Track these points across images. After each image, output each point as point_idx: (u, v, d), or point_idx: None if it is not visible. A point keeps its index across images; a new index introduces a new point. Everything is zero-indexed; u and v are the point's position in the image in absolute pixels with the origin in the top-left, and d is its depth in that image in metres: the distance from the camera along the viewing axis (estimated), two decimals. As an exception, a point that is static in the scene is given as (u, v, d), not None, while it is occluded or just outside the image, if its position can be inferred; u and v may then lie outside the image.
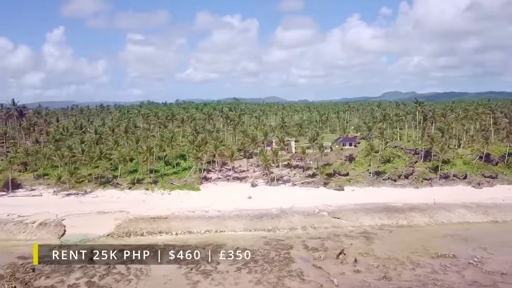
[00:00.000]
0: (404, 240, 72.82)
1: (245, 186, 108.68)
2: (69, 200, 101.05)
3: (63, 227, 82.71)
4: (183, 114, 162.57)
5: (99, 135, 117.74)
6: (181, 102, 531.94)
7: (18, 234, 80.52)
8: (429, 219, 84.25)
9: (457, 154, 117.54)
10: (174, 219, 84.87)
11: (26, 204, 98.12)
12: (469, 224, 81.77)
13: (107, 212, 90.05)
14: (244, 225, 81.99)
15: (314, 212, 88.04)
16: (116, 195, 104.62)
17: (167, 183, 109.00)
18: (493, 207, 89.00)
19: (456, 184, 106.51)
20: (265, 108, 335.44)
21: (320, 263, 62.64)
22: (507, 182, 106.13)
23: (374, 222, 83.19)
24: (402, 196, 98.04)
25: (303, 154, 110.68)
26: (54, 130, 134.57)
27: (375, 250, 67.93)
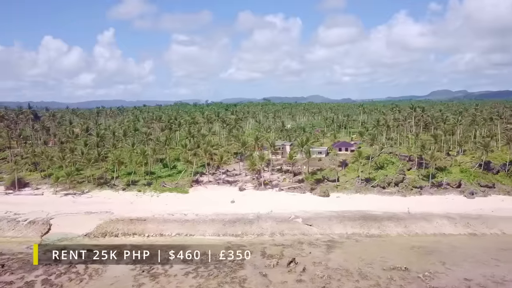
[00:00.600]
0: (366, 251, 72.01)
1: (233, 190, 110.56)
2: (65, 200, 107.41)
3: (49, 226, 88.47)
4: (180, 118, 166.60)
5: (100, 137, 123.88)
6: (211, 103, 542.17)
7: (7, 231, 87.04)
8: (403, 229, 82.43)
9: (455, 162, 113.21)
10: (151, 222, 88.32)
11: (26, 203, 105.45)
12: (443, 236, 79.26)
13: (93, 213, 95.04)
14: (215, 229, 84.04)
15: (288, 219, 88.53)
16: (109, 196, 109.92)
17: (160, 185, 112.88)
18: (477, 219, 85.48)
19: (448, 193, 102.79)
20: (286, 109, 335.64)
21: (268, 271, 63.64)
22: (503, 192, 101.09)
23: (345, 230, 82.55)
24: (386, 204, 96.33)
25: (290, 159, 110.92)
26: (61, 132, 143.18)
27: (331, 260, 67.84)
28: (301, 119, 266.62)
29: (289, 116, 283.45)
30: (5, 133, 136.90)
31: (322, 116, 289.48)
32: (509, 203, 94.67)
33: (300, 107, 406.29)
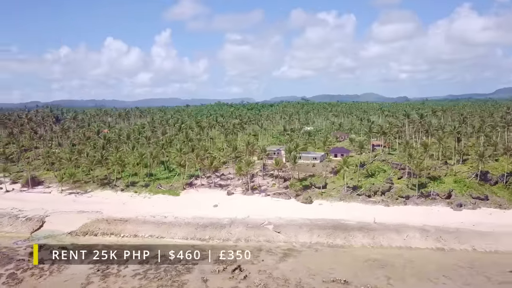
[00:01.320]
0: (319, 261, 72.45)
1: (222, 194, 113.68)
2: (67, 199, 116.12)
3: (42, 223, 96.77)
4: (183, 121, 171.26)
5: (107, 140, 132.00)
6: (247, 103, 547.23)
7: (6, 226, 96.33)
8: (369, 240, 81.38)
9: (451, 171, 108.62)
10: (131, 223, 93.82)
11: (33, 200, 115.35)
12: (408, 250, 77.39)
13: (85, 212, 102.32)
14: (185, 233, 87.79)
15: (260, 225, 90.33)
16: (107, 196, 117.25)
17: (156, 187, 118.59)
18: (452, 233, 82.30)
19: (436, 204, 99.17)
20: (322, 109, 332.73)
21: (211, 277, 66.47)
22: (495, 205, 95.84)
23: (310, 239, 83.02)
24: (364, 213, 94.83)
25: (276, 165, 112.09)
26: (75, 135, 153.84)
27: (278, 269, 69.22)
28: (334, 120, 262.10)
29: (321, 117, 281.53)
30: (28, 135, 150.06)
31: (353, 117, 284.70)
32: (496, 217, 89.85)
33: (339, 107, 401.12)
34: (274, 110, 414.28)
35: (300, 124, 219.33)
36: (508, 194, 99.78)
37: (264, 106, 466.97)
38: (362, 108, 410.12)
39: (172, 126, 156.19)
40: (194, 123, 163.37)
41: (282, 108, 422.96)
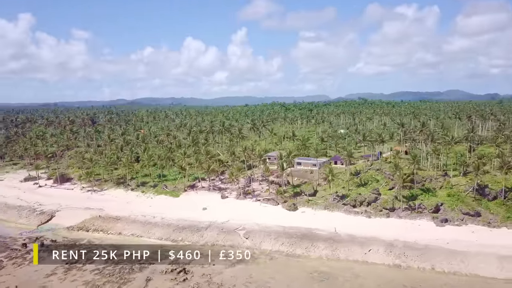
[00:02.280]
0: (265, 270, 74.77)
1: (217, 197, 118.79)
2: (84, 196, 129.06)
3: (51, 217, 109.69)
4: (192, 126, 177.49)
5: (126, 142, 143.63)
6: (299, 102, 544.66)
7: (22, 218, 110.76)
8: (328, 252, 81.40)
9: (447, 183, 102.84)
10: (122, 221, 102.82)
11: (56, 195, 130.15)
12: (361, 265, 76.37)
13: (91, 209, 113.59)
14: (163, 234, 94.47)
15: (234, 230, 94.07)
16: (117, 195, 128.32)
17: (161, 188, 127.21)
18: (420, 250, 79.08)
19: (420, 217, 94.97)
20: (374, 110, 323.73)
21: (156, 276, 72.64)
22: (483, 222, 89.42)
23: (271, 247, 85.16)
24: (343, 224, 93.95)
25: (266, 172, 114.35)
26: (100, 137, 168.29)
27: (221, 274, 73.10)
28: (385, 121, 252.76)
29: (376, 117, 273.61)
30: (66, 136, 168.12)
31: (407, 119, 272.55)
32: (477, 236, 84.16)
33: (401, 108, 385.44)
34: (327, 109, 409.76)
35: (333, 126, 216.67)
36: (503, 211, 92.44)
37: (317, 106, 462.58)
38: (434, 108, 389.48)
39: (189, 130, 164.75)
40: (206, 127, 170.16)
41: (334, 108, 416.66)
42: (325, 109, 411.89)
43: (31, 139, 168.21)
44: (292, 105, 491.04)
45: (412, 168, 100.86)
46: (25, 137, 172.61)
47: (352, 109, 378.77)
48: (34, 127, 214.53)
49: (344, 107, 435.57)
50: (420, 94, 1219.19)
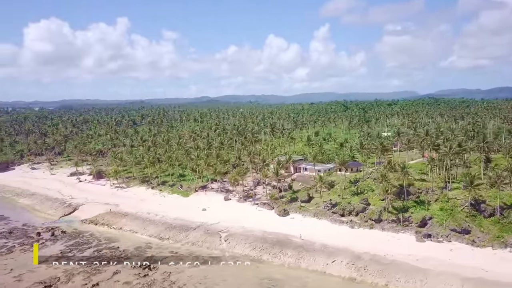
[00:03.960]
0: (221, 273, 78.64)
1: (221, 199, 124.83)
2: (110, 192, 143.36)
3: (73, 210, 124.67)
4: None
5: (153, 143, 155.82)
6: (353, 101, 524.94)
7: (51, 209, 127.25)
8: (292, 260, 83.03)
9: (443, 196, 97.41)
10: (127, 217, 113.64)
11: (88, 190, 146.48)
12: (317, 275, 77.15)
13: (109, 204, 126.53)
14: (155, 231, 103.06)
15: (218, 232, 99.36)
16: (137, 192, 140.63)
17: (177, 188, 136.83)
18: (384, 265, 77.21)
19: (404, 231, 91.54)
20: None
21: (124, 270, 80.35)
22: (468, 240, 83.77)
23: (242, 251, 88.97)
24: (323, 232, 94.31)
25: (264, 177, 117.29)
26: (133, 138, 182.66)
27: (183, 273, 78.92)
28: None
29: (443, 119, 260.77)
30: (109, 136, 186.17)
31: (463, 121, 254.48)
32: (454, 255, 79.31)
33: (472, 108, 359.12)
34: (389, 109, 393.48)
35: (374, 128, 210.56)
36: (496, 230, 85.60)
37: (377, 105, 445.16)
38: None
39: (213, 132, 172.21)
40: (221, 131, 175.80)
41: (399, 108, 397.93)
42: (386, 109, 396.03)
43: (82, 138, 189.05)
44: (354, 103, 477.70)
45: (402, 179, 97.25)
46: (77, 135, 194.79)
47: (412, 110, 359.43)
48: (91, 127, 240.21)
49: (411, 107, 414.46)
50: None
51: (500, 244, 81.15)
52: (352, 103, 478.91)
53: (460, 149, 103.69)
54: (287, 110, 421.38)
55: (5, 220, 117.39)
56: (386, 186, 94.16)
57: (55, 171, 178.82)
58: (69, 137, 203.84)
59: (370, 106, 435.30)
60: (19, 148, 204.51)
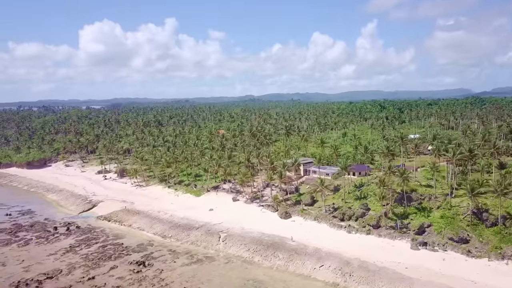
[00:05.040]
0: (212, 272, 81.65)
1: (229, 199, 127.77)
2: (130, 190, 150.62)
3: (92, 206, 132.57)
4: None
5: (173, 144, 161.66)
6: (393, 100, 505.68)
7: (73, 205, 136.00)
8: (282, 262, 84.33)
9: (446, 204, 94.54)
10: (139, 215, 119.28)
11: (111, 188, 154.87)
12: (302, 279, 78.02)
13: (125, 202, 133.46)
14: (160, 229, 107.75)
15: (216, 232, 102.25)
16: (154, 191, 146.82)
17: (191, 187, 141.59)
18: (370, 272, 76.56)
19: (400, 238, 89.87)
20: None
21: (121, 265, 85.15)
22: (463, 251, 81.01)
23: (237, 252, 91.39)
24: (319, 235, 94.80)
25: (269, 179, 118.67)
26: (156, 138, 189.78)
27: (175, 271, 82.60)
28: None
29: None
30: (136, 136, 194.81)
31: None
32: (445, 264, 77.08)
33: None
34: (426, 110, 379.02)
35: (398, 130, 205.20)
36: (496, 240, 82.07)
37: (416, 105, 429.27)
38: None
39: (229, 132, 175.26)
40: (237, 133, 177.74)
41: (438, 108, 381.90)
42: (425, 109, 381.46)
43: (112, 137, 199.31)
44: (391, 102, 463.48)
45: (402, 184, 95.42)
46: (107, 134, 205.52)
47: (449, 110, 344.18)
48: (120, 126, 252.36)
49: (452, 106, 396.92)
50: None
51: (497, 256, 77.99)
52: (389, 102, 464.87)
53: (469, 154, 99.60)
54: (323, 109, 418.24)
55: (31, 214, 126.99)
56: (383, 191, 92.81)
57: (85, 169, 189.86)
58: (100, 137, 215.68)
59: (407, 105, 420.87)
60: (56, 146, 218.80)
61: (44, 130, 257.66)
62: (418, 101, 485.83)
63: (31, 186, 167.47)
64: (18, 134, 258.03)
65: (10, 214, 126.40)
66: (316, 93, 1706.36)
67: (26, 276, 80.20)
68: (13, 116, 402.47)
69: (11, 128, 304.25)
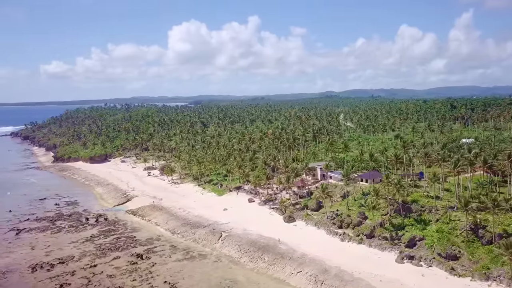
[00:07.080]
0: (192, 269, 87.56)
1: (245, 200, 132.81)
2: (164, 187, 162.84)
3: (126, 200, 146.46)
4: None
5: (207, 144, 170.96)
6: (472, 98, 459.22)
7: (111, 199, 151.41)
8: (265, 265, 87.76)
9: (445, 217, 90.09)
10: (161, 211, 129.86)
11: (150, 184, 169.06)
12: (277, 283, 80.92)
13: (155, 198, 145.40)
14: (173, 225, 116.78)
15: (219, 231, 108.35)
16: (185, 188, 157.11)
17: (217, 187, 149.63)
18: (346, 281, 76.26)
19: (389, 250, 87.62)
20: None
21: (124, 256, 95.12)
22: (448, 267, 77.00)
23: (228, 252, 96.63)
24: (312, 241, 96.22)
25: (278, 183, 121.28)
26: (195, 139, 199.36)
27: (167, 265, 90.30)
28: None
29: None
30: (181, 136, 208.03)
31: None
32: (422, 281, 74.33)
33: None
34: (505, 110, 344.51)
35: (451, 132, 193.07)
36: (488, 259, 76.88)
37: (497, 104, 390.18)
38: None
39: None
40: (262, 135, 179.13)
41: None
42: (503, 108, 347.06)
43: (162, 136, 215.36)
44: (463, 101, 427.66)
45: (398, 195, 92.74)
46: (158, 134, 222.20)
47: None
48: (173, 125, 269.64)
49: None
50: None
51: (481, 276, 73.46)
52: (460, 101, 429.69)
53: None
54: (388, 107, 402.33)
55: (74, 205, 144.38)
56: (374, 201, 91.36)
57: (136, 165, 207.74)
58: (153, 135, 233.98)
59: (482, 105, 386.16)
60: (117, 143, 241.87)
61: (111, 128, 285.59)
62: (502, 100, 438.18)
63: (86, 179, 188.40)
64: (89, 131, 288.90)
65: (58, 204, 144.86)
66: (402, 89, 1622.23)
67: (44, 260, 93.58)
68: (92, 113, 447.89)
69: (87, 124, 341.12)
